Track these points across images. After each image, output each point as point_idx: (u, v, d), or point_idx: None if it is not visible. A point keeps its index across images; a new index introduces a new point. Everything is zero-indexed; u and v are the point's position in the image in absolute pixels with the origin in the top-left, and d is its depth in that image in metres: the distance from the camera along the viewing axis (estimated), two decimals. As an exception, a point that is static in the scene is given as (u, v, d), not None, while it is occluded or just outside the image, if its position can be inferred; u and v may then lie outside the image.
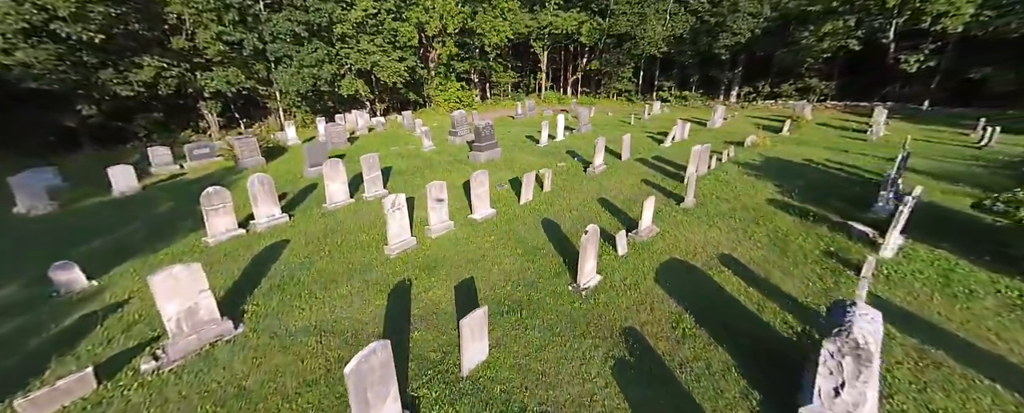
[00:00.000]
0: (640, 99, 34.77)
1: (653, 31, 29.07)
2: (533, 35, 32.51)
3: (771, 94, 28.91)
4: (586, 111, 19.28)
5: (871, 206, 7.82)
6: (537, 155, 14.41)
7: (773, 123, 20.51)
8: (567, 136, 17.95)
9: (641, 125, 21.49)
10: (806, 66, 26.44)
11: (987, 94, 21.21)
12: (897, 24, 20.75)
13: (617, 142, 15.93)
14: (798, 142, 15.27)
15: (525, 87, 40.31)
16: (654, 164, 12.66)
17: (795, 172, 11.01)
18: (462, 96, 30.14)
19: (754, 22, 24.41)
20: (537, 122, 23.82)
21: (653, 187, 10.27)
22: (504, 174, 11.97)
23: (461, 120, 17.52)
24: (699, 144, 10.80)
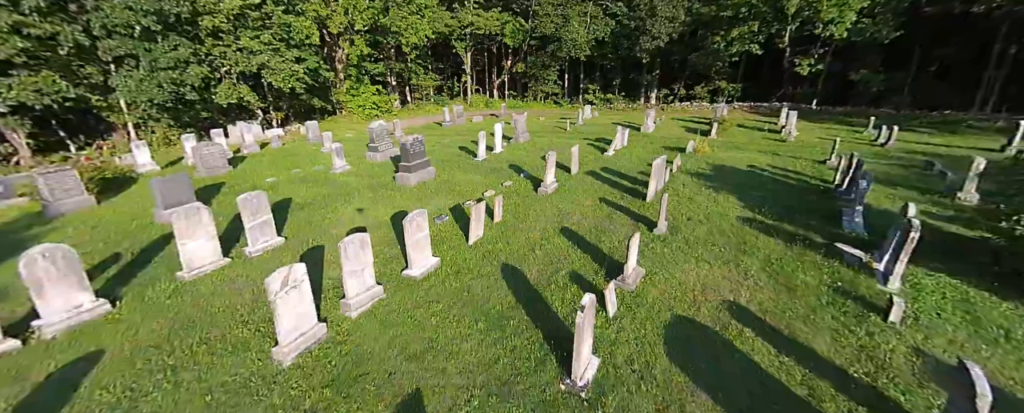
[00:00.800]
0: (567, 102, 34.88)
1: (576, 34, 29.08)
2: (454, 35, 30.56)
3: (686, 96, 30.83)
4: (521, 118, 17.98)
5: (839, 220, 7.51)
6: (478, 172, 12.61)
7: (699, 125, 21.40)
8: (506, 147, 16.43)
9: (577, 131, 20.89)
10: (715, 70, 28.57)
11: (860, 94, 24.77)
12: (791, 31, 23.14)
13: (562, 153, 14.85)
14: (731, 146, 15.68)
15: (449, 90, 38.14)
16: (606, 178, 11.68)
17: (747, 181, 10.79)
18: (379, 102, 27.04)
19: (671, 27, 25.55)
20: (468, 130, 22.02)
21: (614, 208, 9.15)
22: (443, 201, 9.96)
23: (382, 132, 14.95)
24: (652, 155, 9.99)
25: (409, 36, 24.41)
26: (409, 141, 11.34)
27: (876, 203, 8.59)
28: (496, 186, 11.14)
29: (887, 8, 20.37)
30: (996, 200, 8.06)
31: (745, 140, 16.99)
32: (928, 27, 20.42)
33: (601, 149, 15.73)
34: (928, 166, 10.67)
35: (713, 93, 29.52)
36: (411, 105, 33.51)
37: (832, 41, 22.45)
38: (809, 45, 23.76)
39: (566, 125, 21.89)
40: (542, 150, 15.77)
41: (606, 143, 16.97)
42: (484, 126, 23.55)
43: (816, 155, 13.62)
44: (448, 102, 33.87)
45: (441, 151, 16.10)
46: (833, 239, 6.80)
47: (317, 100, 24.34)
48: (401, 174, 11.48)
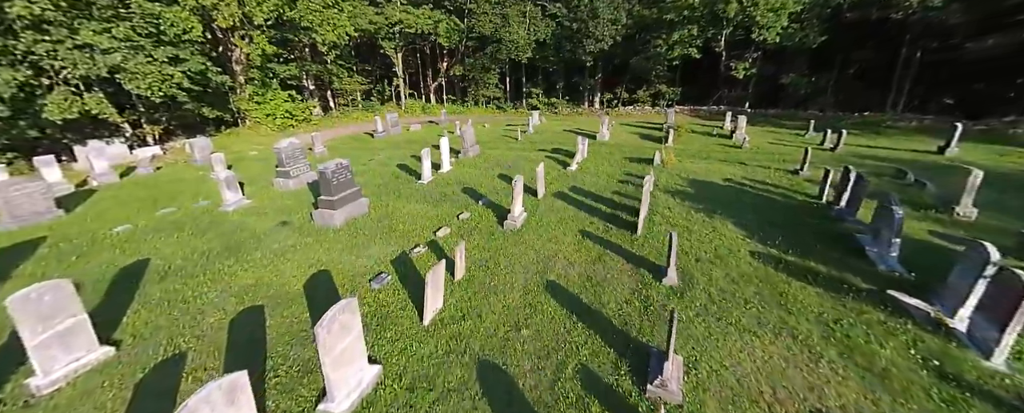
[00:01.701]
0: (511, 106, 33.36)
1: (516, 35, 27.61)
2: (382, 33, 27.41)
3: (629, 100, 30.91)
4: (469, 128, 15.81)
5: (859, 248, 6.52)
6: (424, 200, 10.23)
7: (651, 131, 20.95)
8: (455, 163, 14.16)
9: (529, 140, 19.23)
10: (655, 73, 28.87)
11: (789, 96, 26.37)
12: (727, 35, 23.83)
13: (516, 169, 12.97)
14: (693, 155, 15.01)
15: (380, 95, 34.60)
16: (578, 201, 10.00)
17: (732, 199, 9.78)
18: (293, 110, 23.09)
19: (614, 29, 25.10)
20: (406, 141, 19.27)
21: (601, 245, 7.44)
22: (381, 248, 7.50)
23: (294, 152, 11.85)
24: (619, 169, 8.50)
25: (325, 33, 20.94)
26: (331, 168, 8.64)
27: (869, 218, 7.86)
28: (450, 220, 8.91)
29: (813, 14, 21.71)
30: (995, 214, 7.72)
31: (702, 147, 16.55)
32: (848, 32, 22.17)
33: (562, 163, 14.14)
34: (900, 174, 10.56)
35: (654, 97, 29.88)
36: (335, 112, 29.56)
37: (765, 46, 23.54)
38: (743, 49, 24.78)
39: (517, 133, 20.13)
40: (496, 165, 13.78)
41: (565, 155, 15.48)
42: (425, 136, 20.97)
43: (781, 163, 13.28)
44: (379, 108, 30.49)
45: (375, 172, 13.36)
46: (872, 280, 5.68)
47: (209, 109, 19.82)
48: (322, 211, 8.74)
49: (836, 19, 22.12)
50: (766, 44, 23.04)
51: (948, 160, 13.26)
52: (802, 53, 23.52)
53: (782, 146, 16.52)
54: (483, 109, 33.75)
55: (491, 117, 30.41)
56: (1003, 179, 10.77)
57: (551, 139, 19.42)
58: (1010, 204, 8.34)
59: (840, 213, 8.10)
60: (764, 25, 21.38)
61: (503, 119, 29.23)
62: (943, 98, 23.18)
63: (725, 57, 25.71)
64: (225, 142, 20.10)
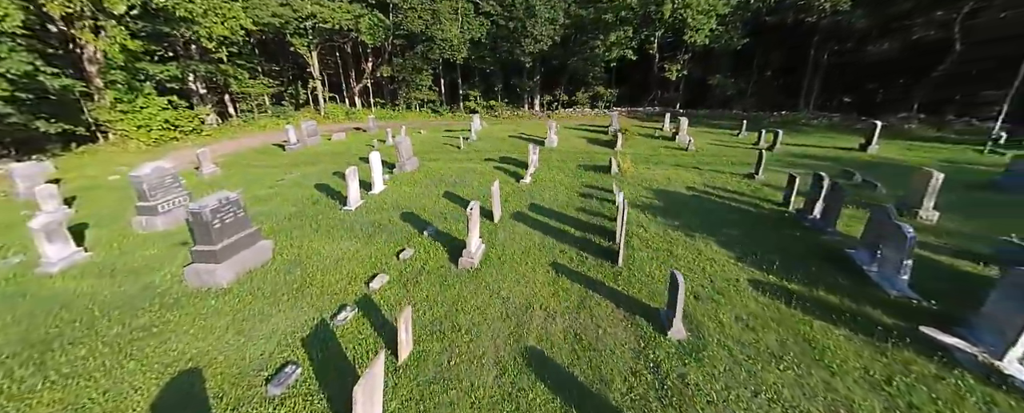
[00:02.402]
0: (447, 110, 31.40)
1: (449, 33, 25.81)
2: (291, 28, 23.90)
3: (569, 102, 30.68)
4: (405, 139, 13.74)
5: (864, 272, 5.97)
6: (352, 235, 8.15)
7: (597, 135, 20.48)
8: (389, 180, 12.06)
9: (473, 149, 17.60)
10: (593, 75, 28.90)
11: (715, 97, 27.86)
12: (659, 36, 24.37)
13: (464, 185, 11.33)
14: (646, 160, 14.52)
15: (293, 99, 30.56)
16: (541, 223, 8.66)
17: (704, 212, 9.12)
18: (176, 118, 18.99)
19: (552, 28, 24.43)
20: (328, 154, 16.48)
21: (580, 283, 6.14)
22: (287, 320, 5.42)
23: (163, 179, 8.96)
24: (576, 181, 7.39)
25: (212, 26, 17.30)
26: (210, 206, 6.27)
27: (845, 229, 7.57)
28: (388, 261, 7.03)
29: (736, 17, 22.97)
30: (954, 217, 7.81)
31: (651, 151, 16.26)
32: (767, 36, 23.85)
33: (514, 175, 12.75)
34: (847, 175, 10.78)
35: (593, 98, 29.95)
36: (237, 120, 25.22)
37: (694, 48, 24.49)
38: (675, 51, 25.63)
39: (459, 141, 18.36)
40: (440, 181, 11.97)
41: (515, 165, 14.13)
42: (350, 147, 18.30)
43: (731, 167, 13.20)
44: (293, 115, 26.73)
45: (285, 198, 10.81)
46: (894, 312, 5.04)
47: (46, 123, 15.19)
48: (198, 267, 6.33)
49: (756, 22, 23.69)
50: (695, 46, 23.98)
51: (871, 157, 14.25)
52: (726, 55, 24.93)
53: (723, 147, 16.81)
54: (417, 113, 31.34)
55: (427, 122, 28.20)
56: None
57: (497, 146, 17.99)
58: (960, 204, 8.63)
59: (817, 225, 7.69)
60: (695, 27, 22.12)
61: (440, 124, 27.21)
62: (843, 97, 26.05)
63: (658, 59, 26.43)
64: (75, 164, 15.62)
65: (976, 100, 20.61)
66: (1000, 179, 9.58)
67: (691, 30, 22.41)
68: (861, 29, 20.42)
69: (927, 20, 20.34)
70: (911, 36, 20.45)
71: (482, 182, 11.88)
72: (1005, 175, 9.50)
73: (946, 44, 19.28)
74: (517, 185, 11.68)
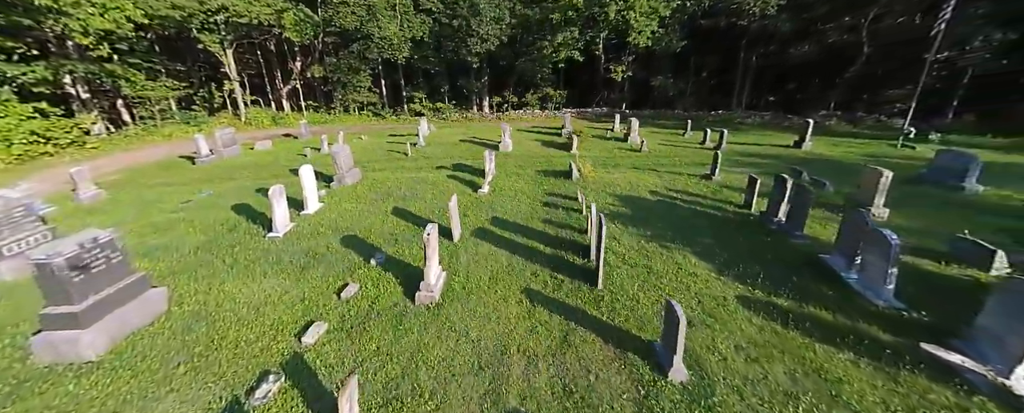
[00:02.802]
0: (390, 113, 29.51)
1: (387, 30, 24.12)
2: (197, 22, 20.85)
3: (519, 104, 30.19)
4: (343, 148, 12.16)
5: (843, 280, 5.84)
6: (278, 272, 6.72)
7: (552, 137, 20.03)
8: (326, 197, 10.51)
9: (422, 155, 16.30)
10: (541, 76, 28.66)
11: (657, 98, 28.83)
12: (604, 37, 24.63)
13: (416, 199, 10.18)
14: (604, 163, 14.24)
15: (206, 103, 26.96)
16: (506, 240, 7.82)
17: (672, 219, 8.82)
18: (46, 129, 15.59)
19: (498, 28, 23.68)
20: (251, 166, 14.25)
21: (559, 313, 5.40)
22: (183, 404, 4.03)
23: (9, 213, 6.82)
24: (537, 189, 6.76)
25: (87, 18, 14.27)
26: (67, 253, 4.65)
27: (819, 235, 7.60)
28: (326, 302, 5.78)
29: (674, 20, 23.83)
30: (904, 213, 8.14)
31: (607, 154, 16.09)
32: (702, 38, 25.03)
33: (470, 184, 11.78)
34: (796, 174, 11.16)
35: (542, 100, 29.73)
36: (134, 129, 21.51)
37: (637, 50, 25.08)
38: (619, 52, 26.10)
39: (406, 147, 16.92)
40: (387, 195, 10.67)
41: (470, 172, 13.15)
42: (278, 157, 16.12)
43: (687, 168, 13.28)
44: (207, 121, 23.44)
45: (190, 226, 8.92)
46: (889, 327, 4.85)
47: None
48: (54, 335, 4.68)
49: (693, 26, 24.80)
50: (638, 48, 24.56)
51: (806, 153, 15.18)
52: (667, 57, 25.88)
53: (673, 147, 17.09)
54: (356, 117, 29.04)
55: (368, 126, 26.15)
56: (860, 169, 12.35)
57: (449, 152, 16.84)
58: (901, 199, 9.12)
59: (783, 228, 7.63)
60: (638, 29, 22.60)
61: (383, 128, 25.35)
62: (769, 97, 28.20)
63: (604, 60, 26.78)
64: None
65: (880, 98, 23.20)
66: (926, 173, 10.39)
67: (634, 32, 22.87)
68: (784, 33, 22.11)
69: (838, 25, 22.53)
70: (827, 40, 22.55)
71: (437, 194, 10.78)
72: (930, 169, 10.32)
73: (856, 47, 21.42)
74: (475, 196, 10.72)
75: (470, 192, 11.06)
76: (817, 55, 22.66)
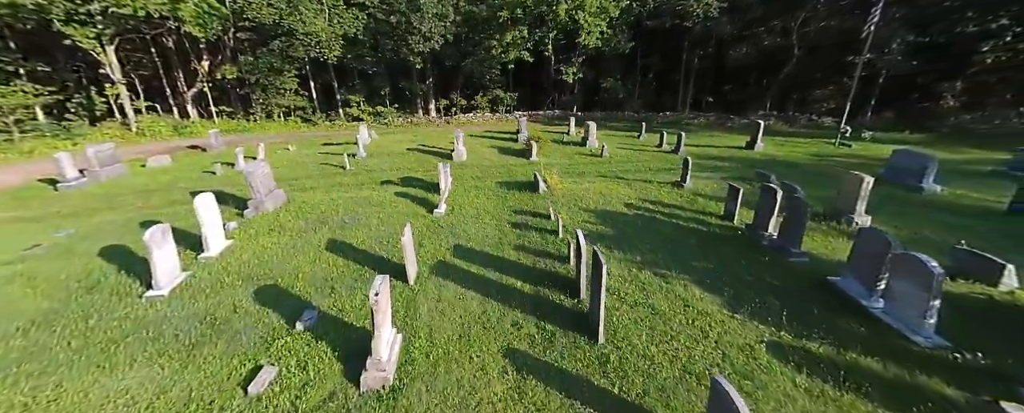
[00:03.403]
0: (322, 118, 26.57)
1: (314, 25, 21.48)
2: (59, 12, 16.91)
3: (468, 107, 28.67)
4: (259, 166, 9.89)
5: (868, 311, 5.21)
6: (155, 356, 4.73)
7: (508, 143, 18.79)
8: (237, 231, 8.32)
9: (364, 168, 14.28)
10: (490, 77, 27.41)
11: (606, 100, 28.83)
12: (553, 38, 23.96)
13: (358, 227, 8.43)
14: (569, 172, 13.26)
15: (85, 110, 22.35)
16: (475, 278, 6.43)
17: (656, 237, 7.95)
18: None
19: (442, 26, 21.99)
20: (136, 191, 11.18)
21: (557, 386, 4.17)
22: None
23: None
24: (500, 206, 5.59)
25: None
26: None
27: (814, 250, 7.09)
28: (227, 403, 4.00)
29: (622, 21, 23.80)
30: (883, 220, 7.94)
31: (569, 161, 15.22)
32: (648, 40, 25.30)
33: (424, 203, 10.17)
34: (764, 178, 10.92)
35: (493, 102, 28.50)
36: (-23, 145, 16.87)
37: (587, 51, 24.74)
38: (569, 53, 25.64)
39: (343, 159, 14.73)
40: (320, 223, 8.75)
41: (422, 187, 11.51)
42: (176, 177, 13.18)
43: (655, 175, 12.69)
44: (84, 133, 19.23)
45: (30, 285, 6.47)
46: (942, 373, 4.18)
47: None
48: None
49: (639, 27, 24.99)
50: (588, 49, 24.24)
51: (760, 154, 15.44)
52: (616, 58, 25.90)
53: (633, 151, 16.65)
54: (282, 123, 25.72)
55: (296, 134, 23.15)
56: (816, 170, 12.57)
57: (395, 163, 14.97)
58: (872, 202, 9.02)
59: (777, 245, 7.02)
60: (587, 30, 22.19)
61: (315, 135, 22.55)
62: (708, 98, 29.38)
63: (554, 61, 26.18)
64: None
65: (809, 98, 24.95)
66: (883, 173, 10.61)
67: (584, 32, 22.45)
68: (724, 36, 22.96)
69: (770, 29, 23.88)
70: (762, 42, 23.79)
71: (384, 218, 9.07)
72: (887, 169, 10.55)
73: (788, 50, 22.76)
74: (431, 218, 9.16)
75: (424, 213, 9.47)
76: (754, 57, 23.89)
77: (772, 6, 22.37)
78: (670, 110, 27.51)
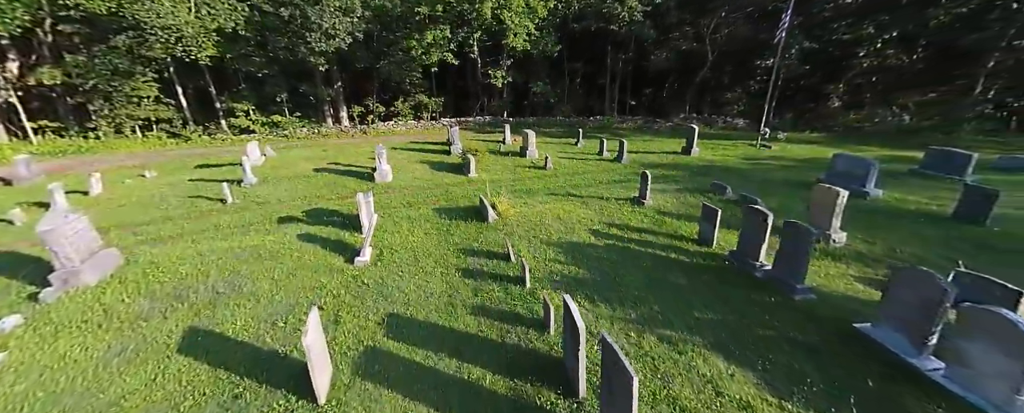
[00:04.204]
0: (198, 132, 21.68)
1: (173, 18, 17.09)
2: None
3: (387, 114, 25.66)
4: (71, 222, 6.56)
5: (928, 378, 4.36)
6: None
7: (439, 157, 16.57)
8: (24, 327, 5.14)
9: (255, 200, 11.13)
10: (410, 81, 24.86)
11: (537, 104, 27.98)
12: (477, 39, 22.29)
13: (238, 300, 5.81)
14: (515, 191, 11.64)
15: None
16: (423, 370, 4.50)
17: (646, 280, 6.67)
18: None
19: (348, 22, 18.93)
20: None
21: None
22: None
23: None
24: (443, 246, 4.01)
25: None
26: None
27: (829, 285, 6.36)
28: None
29: (549, 23, 23.00)
30: (855, 237, 7.59)
31: (510, 175, 13.66)
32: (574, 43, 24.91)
33: (339, 247, 7.77)
34: (720, 189, 10.41)
35: (416, 109, 25.90)
36: None
37: (515, 53, 23.52)
38: (497, 56, 24.19)
39: (223, 189, 11.31)
40: (176, 299, 5.95)
41: (335, 224, 8.98)
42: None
43: (608, 190, 11.60)
44: None
45: None
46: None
47: None
48: None
49: (566, 30, 24.48)
50: (516, 51, 23.06)
51: (698, 160, 15.43)
52: (544, 62, 25.14)
53: (575, 161, 15.61)
54: (139, 141, 20.27)
55: (161, 155, 18.23)
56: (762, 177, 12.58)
57: (299, 191, 11.99)
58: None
59: (775, 277, 6.14)
60: (514, 31, 20.94)
61: (190, 155, 17.98)
62: (631, 101, 30.20)
63: (481, 64, 24.54)
64: None
65: (720, 100, 26.69)
66: (825, 177, 10.76)
67: (511, 33, 21.17)
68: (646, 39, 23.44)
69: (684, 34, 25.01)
70: (681, 47, 24.82)
71: (281, 281, 6.56)
72: (828, 173, 10.71)
73: (704, 55, 23.95)
74: (352, 271, 6.87)
75: (341, 264, 7.13)
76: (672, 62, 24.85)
77: (686, 11, 23.38)
78: (599, 114, 27.56)
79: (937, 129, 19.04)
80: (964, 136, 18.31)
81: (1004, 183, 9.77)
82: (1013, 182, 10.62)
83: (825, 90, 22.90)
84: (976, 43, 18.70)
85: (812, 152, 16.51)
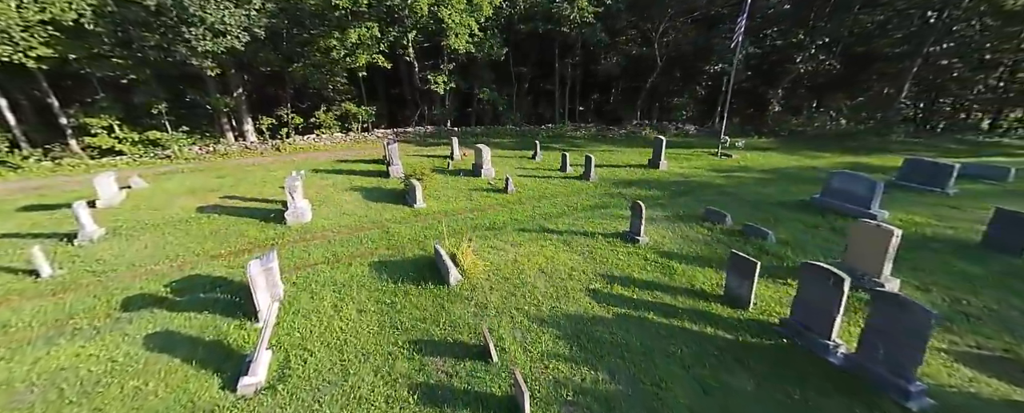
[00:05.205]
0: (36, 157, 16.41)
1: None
2: None
3: (306, 126, 21.70)
4: None
5: None
6: None
7: (375, 180, 13.53)
8: None
9: (92, 269, 7.54)
10: (335, 87, 21.28)
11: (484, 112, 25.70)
12: (413, 39, 19.51)
13: None
14: (479, 226, 9.31)
15: None
16: None
17: (688, 380, 4.75)
18: None
19: (243, 16, 15.09)
20: None
21: None
22: None
23: None
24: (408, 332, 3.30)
25: None
26: None
27: (929, 373, 4.85)
28: None
29: (493, 23, 20.88)
30: (908, 280, 6.34)
31: (466, 203, 11.25)
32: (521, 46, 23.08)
33: (218, 356, 4.83)
34: (717, 217, 8.92)
35: (343, 119, 22.26)
36: None
37: (456, 56, 21.07)
38: (437, 59, 21.53)
39: (34, 255, 7.47)
40: None
41: (216, 306, 5.92)
42: None
43: (586, 220, 9.70)
44: None
45: None
46: None
47: None
48: None
49: (512, 31, 22.54)
50: (458, 54, 20.63)
51: (669, 174, 14.19)
52: (489, 66, 23.01)
53: (539, 181, 13.53)
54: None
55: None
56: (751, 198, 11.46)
57: (167, 247, 8.49)
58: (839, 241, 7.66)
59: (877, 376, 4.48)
60: (454, 31, 18.50)
61: (14, 191, 13.06)
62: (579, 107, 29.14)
63: (419, 68, 21.69)
64: None
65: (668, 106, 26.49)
66: (818, 198, 9.82)
67: (451, 33, 18.70)
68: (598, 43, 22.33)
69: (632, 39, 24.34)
70: (630, 52, 24.10)
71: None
72: (822, 194, 9.77)
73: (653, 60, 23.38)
74: (231, 408, 4.07)
75: (214, 393, 4.30)
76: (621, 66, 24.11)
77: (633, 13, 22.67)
78: (549, 122, 26.04)
79: (871, 132, 20.02)
80: (895, 139, 19.42)
81: (991, 194, 9.46)
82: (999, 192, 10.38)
83: (767, 95, 23.51)
84: (897, 53, 19.99)
85: (774, 161, 16.17)
